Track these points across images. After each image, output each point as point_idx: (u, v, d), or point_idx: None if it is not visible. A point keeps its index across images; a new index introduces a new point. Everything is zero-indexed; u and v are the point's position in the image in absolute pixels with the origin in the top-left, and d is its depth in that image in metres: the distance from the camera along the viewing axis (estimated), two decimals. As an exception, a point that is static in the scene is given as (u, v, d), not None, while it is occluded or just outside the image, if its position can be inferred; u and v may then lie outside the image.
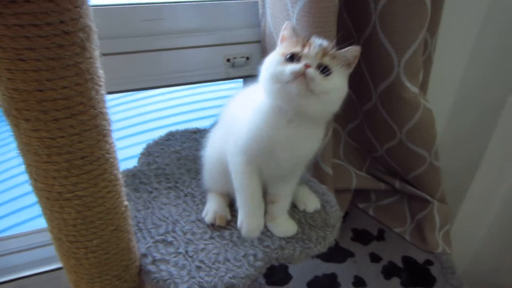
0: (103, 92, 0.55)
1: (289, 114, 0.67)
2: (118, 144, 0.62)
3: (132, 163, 0.97)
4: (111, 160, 0.59)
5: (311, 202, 0.87)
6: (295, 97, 0.64)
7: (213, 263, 0.74)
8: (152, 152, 1.00)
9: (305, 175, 0.95)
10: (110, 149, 0.58)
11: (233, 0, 1.00)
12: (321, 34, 0.80)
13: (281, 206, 0.80)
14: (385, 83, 0.94)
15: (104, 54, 0.90)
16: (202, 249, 0.76)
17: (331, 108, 0.69)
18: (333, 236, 0.83)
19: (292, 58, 0.65)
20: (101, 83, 0.54)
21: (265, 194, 0.79)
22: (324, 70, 0.65)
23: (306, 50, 0.65)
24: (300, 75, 0.63)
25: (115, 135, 0.60)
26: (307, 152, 0.74)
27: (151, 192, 0.88)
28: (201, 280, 0.70)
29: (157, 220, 0.82)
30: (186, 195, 0.88)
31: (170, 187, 0.90)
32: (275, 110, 0.68)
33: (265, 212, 0.79)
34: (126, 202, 0.66)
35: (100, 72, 0.54)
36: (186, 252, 0.75)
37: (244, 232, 0.76)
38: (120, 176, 0.63)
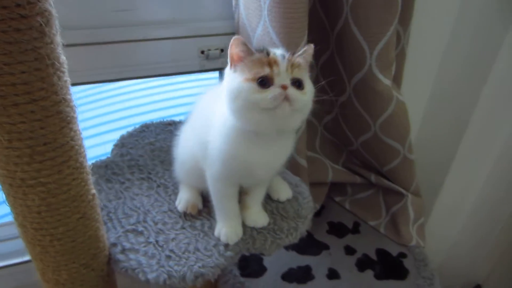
0: (66, 78, 0.55)
1: (266, 135, 0.67)
2: (89, 137, 0.62)
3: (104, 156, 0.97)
4: (76, 147, 0.59)
5: (283, 192, 0.88)
6: (280, 120, 0.64)
7: (183, 253, 0.74)
8: (126, 143, 1.00)
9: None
10: (75, 136, 0.58)
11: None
12: (293, 24, 0.81)
13: (255, 197, 0.81)
14: (358, 76, 0.96)
15: (75, 45, 0.90)
16: (173, 239, 0.76)
17: (307, 115, 0.69)
18: (305, 227, 0.84)
19: (263, 82, 0.62)
20: (64, 70, 0.54)
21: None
22: (298, 84, 0.64)
23: (275, 70, 0.63)
24: (283, 100, 0.61)
25: (87, 127, 0.60)
26: (284, 160, 0.74)
27: (123, 183, 0.88)
28: (170, 269, 0.71)
29: (128, 210, 0.82)
30: (158, 186, 0.88)
31: (143, 178, 0.90)
32: (249, 135, 0.67)
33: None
34: (93, 191, 0.66)
35: (63, 58, 0.54)
36: (157, 241, 0.76)
37: (223, 239, 0.76)
38: (86, 164, 0.63)
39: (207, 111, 0.75)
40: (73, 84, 0.57)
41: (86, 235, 0.65)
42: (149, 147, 0.99)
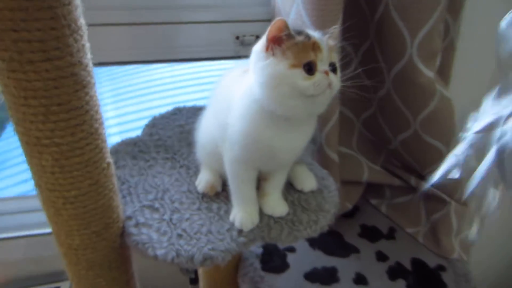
0: (84, 43, 0.56)
1: (296, 120, 0.67)
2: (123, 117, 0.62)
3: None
4: (92, 113, 0.59)
5: (308, 182, 0.84)
6: (320, 106, 0.65)
7: (195, 233, 0.73)
8: (156, 124, 1.01)
9: (306, 157, 0.92)
10: (91, 101, 0.59)
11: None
12: (325, 7, 0.78)
13: (274, 183, 0.78)
14: (398, 66, 0.89)
15: (118, 24, 0.93)
16: (187, 219, 0.76)
17: None
18: (326, 221, 0.79)
19: (310, 68, 0.61)
20: (82, 33, 0.55)
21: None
22: (333, 68, 0.64)
23: (319, 55, 0.62)
24: (328, 85, 0.62)
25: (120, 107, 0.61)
26: (305, 143, 0.72)
27: (148, 161, 0.89)
28: (180, 248, 0.70)
29: (148, 187, 0.82)
30: (181, 166, 0.88)
31: (167, 158, 0.91)
32: (276, 119, 0.65)
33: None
34: (109, 159, 0.66)
35: (81, 22, 0.55)
36: (171, 219, 0.75)
37: (237, 224, 0.74)
38: (102, 131, 0.64)
39: (227, 94, 0.73)
40: (113, 63, 0.59)
41: (98, 203, 0.66)
42: (179, 129, 0.99)
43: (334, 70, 0.64)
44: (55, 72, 0.52)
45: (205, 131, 0.81)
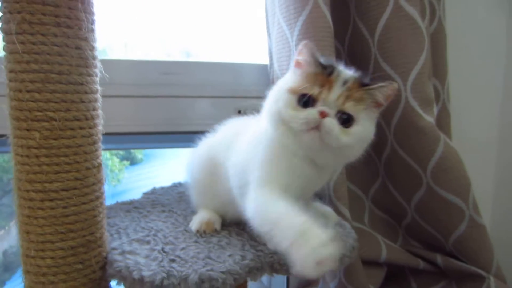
0: (94, 26, 0.58)
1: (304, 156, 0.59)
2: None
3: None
4: (90, 97, 0.58)
5: (330, 215, 0.77)
6: (307, 149, 0.57)
7: (191, 258, 0.61)
8: (156, 191, 0.96)
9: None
10: (92, 86, 0.59)
11: (246, 63, 1.10)
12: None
13: None
14: (397, 114, 0.90)
15: (129, 96, 0.99)
16: (182, 248, 0.64)
17: (352, 158, 0.60)
18: (346, 251, 0.67)
19: (306, 100, 0.56)
20: (93, 15, 0.59)
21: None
22: (345, 118, 0.55)
23: (324, 92, 0.55)
24: (315, 127, 0.54)
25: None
26: (323, 184, 0.67)
27: (141, 213, 0.81)
28: (171, 269, 0.57)
29: (140, 228, 0.72)
30: (178, 215, 0.80)
31: (163, 210, 0.82)
32: (284, 148, 0.59)
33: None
34: (100, 161, 0.61)
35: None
36: (162, 249, 0.64)
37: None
38: (98, 129, 0.61)
39: (235, 131, 0.73)
40: (122, 134, 0.61)
41: (81, 207, 0.58)
42: (178, 195, 0.93)
43: (345, 121, 0.55)
44: (62, 39, 0.54)
45: (200, 167, 0.76)
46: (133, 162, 1.87)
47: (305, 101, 0.56)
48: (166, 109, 1.02)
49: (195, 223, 0.71)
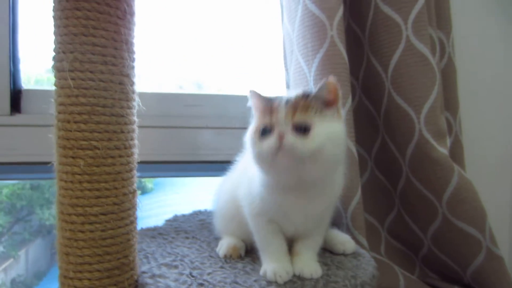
0: (133, 63, 0.64)
1: (290, 186, 0.62)
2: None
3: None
4: (129, 128, 0.63)
5: (348, 244, 0.78)
6: (287, 172, 0.59)
7: (218, 282, 0.64)
8: (178, 218, 0.99)
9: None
10: (131, 117, 0.63)
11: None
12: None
13: (305, 244, 0.71)
14: (411, 146, 0.94)
15: (154, 127, 1.05)
16: (209, 273, 0.67)
17: (334, 160, 0.62)
18: (366, 278, 0.69)
19: (265, 131, 0.60)
20: (134, 54, 0.65)
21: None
22: (303, 128, 0.58)
23: (274, 117, 0.59)
24: (279, 149, 0.57)
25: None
26: (323, 208, 0.69)
27: (166, 239, 0.84)
28: (201, 293, 0.60)
29: (166, 254, 0.75)
30: (202, 241, 0.83)
31: (187, 237, 0.85)
32: (274, 184, 0.63)
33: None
34: (135, 187, 0.65)
35: (134, 43, 0.64)
36: (190, 273, 0.67)
37: (269, 275, 0.64)
38: (134, 158, 0.65)
39: (244, 167, 0.75)
40: (145, 162, 0.67)
41: (118, 230, 0.62)
42: (200, 222, 0.96)
43: (304, 131, 0.57)
44: (108, 76, 0.60)
45: (226, 195, 0.80)
46: (143, 191, 1.91)
47: (263, 132, 0.60)
48: (188, 139, 1.07)
49: (223, 248, 0.75)
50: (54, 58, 0.60)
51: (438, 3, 1.06)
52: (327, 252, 0.78)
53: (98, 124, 0.59)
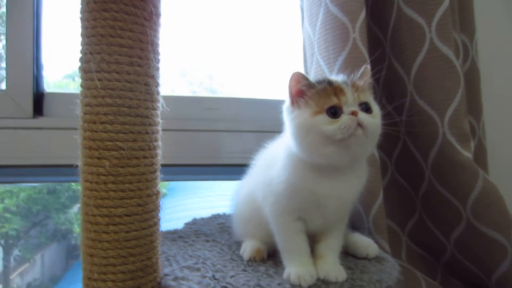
0: (158, 64, 0.64)
1: (334, 168, 0.65)
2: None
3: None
4: (154, 129, 0.63)
5: (371, 247, 0.78)
6: (355, 149, 0.62)
7: (242, 285, 0.63)
8: (197, 221, 0.99)
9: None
10: (155, 118, 0.63)
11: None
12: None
13: (328, 244, 0.71)
14: (434, 150, 0.92)
15: (174, 130, 1.05)
16: (232, 276, 0.67)
17: (378, 139, 0.66)
18: (390, 281, 0.68)
19: (334, 111, 0.62)
20: (158, 55, 0.64)
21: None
22: (366, 107, 0.63)
23: (343, 98, 0.62)
24: (357, 126, 0.60)
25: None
26: (356, 192, 0.69)
27: (186, 242, 0.84)
28: (225, 295, 0.59)
29: (188, 256, 0.75)
30: (223, 245, 0.82)
31: (207, 240, 0.85)
32: (318, 168, 0.64)
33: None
34: (158, 188, 0.65)
35: (159, 43, 0.64)
36: (213, 276, 0.66)
37: (293, 279, 0.64)
38: (158, 158, 0.65)
39: (273, 153, 0.75)
40: (167, 165, 0.68)
41: (141, 232, 0.61)
42: (219, 225, 0.96)
43: (367, 109, 0.63)
44: (134, 77, 0.60)
45: (245, 197, 0.79)
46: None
47: (334, 112, 0.61)
48: (206, 142, 1.07)
49: (247, 251, 0.74)
50: (80, 59, 0.60)
51: (462, 6, 1.04)
52: (349, 256, 0.77)
53: (123, 124, 0.59)
